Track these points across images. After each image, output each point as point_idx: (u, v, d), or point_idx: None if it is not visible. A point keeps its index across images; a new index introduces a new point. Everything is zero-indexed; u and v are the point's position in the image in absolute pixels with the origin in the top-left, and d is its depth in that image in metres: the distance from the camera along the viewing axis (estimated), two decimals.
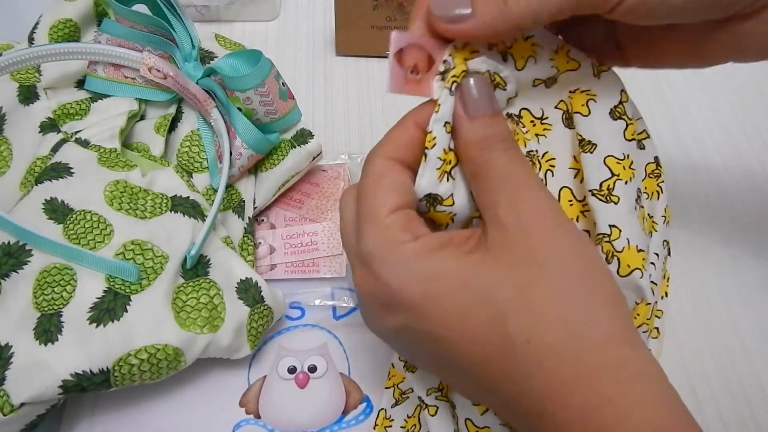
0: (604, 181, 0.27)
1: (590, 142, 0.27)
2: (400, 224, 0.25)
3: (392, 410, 0.35)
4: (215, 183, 0.40)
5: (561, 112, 0.28)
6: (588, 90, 0.28)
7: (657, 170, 0.31)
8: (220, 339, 0.35)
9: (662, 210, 0.31)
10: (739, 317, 0.41)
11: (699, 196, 0.46)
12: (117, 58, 0.40)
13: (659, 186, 0.31)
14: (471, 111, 0.25)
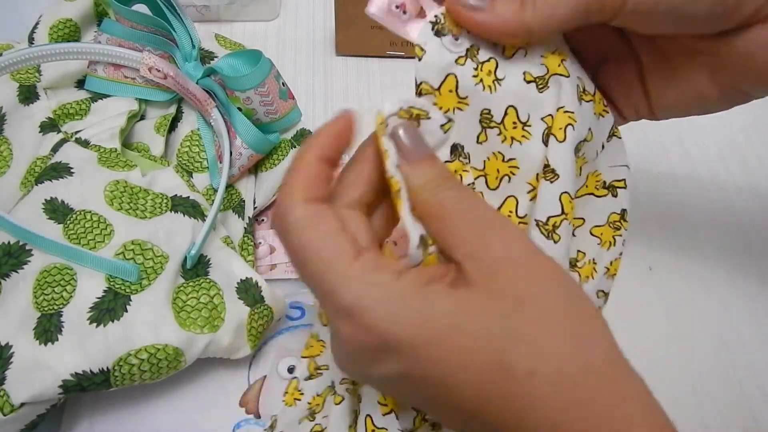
0: (553, 217, 0.26)
1: (554, 171, 0.26)
2: (373, 266, 0.23)
3: (304, 383, 0.34)
4: (215, 183, 0.40)
5: (545, 127, 0.27)
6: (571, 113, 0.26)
7: (619, 223, 0.30)
8: (220, 339, 0.35)
9: (608, 261, 0.30)
10: (739, 317, 0.41)
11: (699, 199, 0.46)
12: (117, 58, 0.40)
13: (614, 238, 0.30)
14: (409, 156, 0.24)
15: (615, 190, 0.29)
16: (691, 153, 0.48)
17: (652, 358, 0.39)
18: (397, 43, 0.52)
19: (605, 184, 0.29)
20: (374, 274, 0.23)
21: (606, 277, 0.31)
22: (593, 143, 0.28)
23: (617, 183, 0.29)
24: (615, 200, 0.29)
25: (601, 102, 0.28)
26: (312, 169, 0.24)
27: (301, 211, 0.23)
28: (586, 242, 0.30)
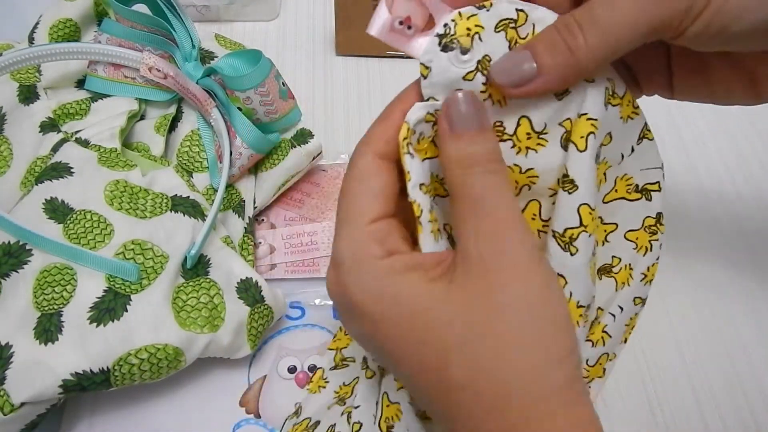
0: (570, 229, 0.25)
1: (573, 181, 0.25)
2: (377, 236, 0.24)
3: (330, 372, 0.35)
4: (215, 183, 0.40)
5: (563, 131, 0.25)
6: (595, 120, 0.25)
7: (655, 227, 0.29)
8: (220, 338, 0.35)
9: (645, 267, 0.30)
10: (739, 318, 0.41)
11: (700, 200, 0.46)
12: (117, 57, 0.40)
13: (651, 243, 0.29)
14: (455, 127, 0.24)
15: (649, 194, 0.28)
16: (691, 154, 0.48)
17: (652, 358, 0.39)
18: None
19: (638, 188, 0.27)
20: (371, 244, 0.24)
21: (643, 283, 0.30)
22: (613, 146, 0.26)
23: (651, 186, 0.28)
24: (649, 204, 0.28)
25: (630, 104, 0.27)
26: (395, 124, 0.25)
27: (367, 160, 0.25)
28: (621, 247, 0.29)
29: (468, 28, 0.24)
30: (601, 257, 0.29)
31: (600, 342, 0.29)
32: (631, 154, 0.27)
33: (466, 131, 0.24)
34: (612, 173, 0.27)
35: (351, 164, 0.25)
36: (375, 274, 0.23)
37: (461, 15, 0.24)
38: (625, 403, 0.38)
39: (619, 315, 0.29)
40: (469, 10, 0.24)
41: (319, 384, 0.35)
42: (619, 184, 0.27)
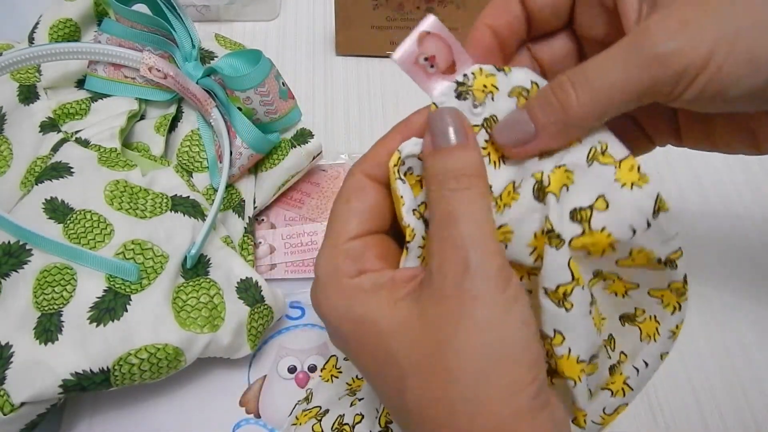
0: (563, 285, 0.24)
1: (559, 236, 0.24)
2: (351, 254, 0.25)
3: (344, 363, 0.35)
4: (215, 183, 0.40)
5: (534, 182, 0.25)
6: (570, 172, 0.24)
7: (682, 288, 0.27)
8: (220, 338, 0.35)
9: (674, 325, 0.29)
10: (740, 319, 0.41)
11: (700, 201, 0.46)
12: (117, 57, 0.40)
13: (678, 304, 0.28)
14: (436, 141, 0.24)
15: (674, 264, 0.26)
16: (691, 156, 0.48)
17: None
18: (397, 43, 0.51)
19: (661, 261, 0.26)
20: (344, 261, 0.25)
21: (671, 341, 0.29)
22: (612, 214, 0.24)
23: (674, 255, 0.26)
24: (675, 272, 0.26)
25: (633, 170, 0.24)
26: (389, 149, 0.25)
27: (354, 180, 0.26)
28: (645, 301, 0.28)
29: (485, 85, 0.25)
30: (622, 307, 0.29)
31: (620, 393, 0.28)
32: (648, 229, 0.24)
33: (446, 146, 0.24)
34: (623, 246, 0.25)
35: (342, 184, 0.26)
36: (343, 293, 0.24)
37: (482, 71, 0.25)
38: None
39: (643, 370, 0.28)
40: (489, 68, 0.25)
41: (332, 373, 0.35)
42: (636, 255, 0.25)
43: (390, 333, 0.23)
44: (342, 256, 0.25)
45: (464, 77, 0.25)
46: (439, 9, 0.49)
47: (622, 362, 0.28)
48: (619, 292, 0.28)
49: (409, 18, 0.50)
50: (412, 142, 0.25)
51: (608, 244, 0.24)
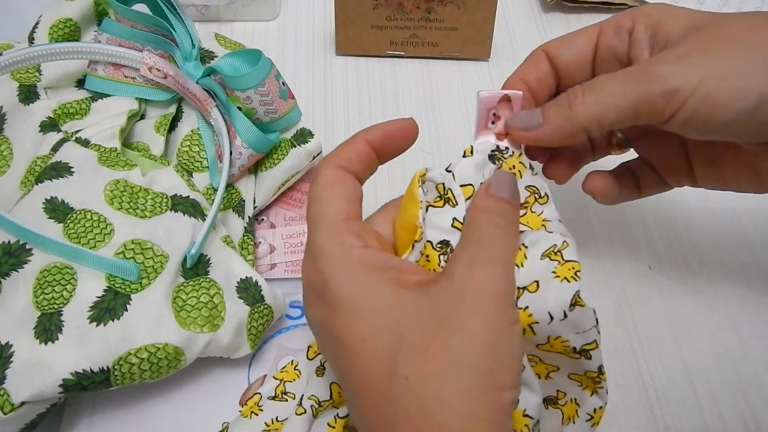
0: None
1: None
2: (354, 230, 0.26)
3: (266, 401, 0.35)
4: (215, 182, 0.40)
5: None
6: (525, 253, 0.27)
7: (599, 378, 0.29)
8: (220, 338, 0.35)
9: (592, 409, 0.30)
10: (739, 317, 0.41)
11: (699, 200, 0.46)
12: (117, 57, 0.40)
13: (597, 390, 0.30)
14: (492, 189, 0.27)
15: (588, 354, 0.28)
16: None
17: (652, 358, 0.39)
18: (397, 43, 0.52)
19: (576, 350, 0.28)
20: (348, 235, 0.26)
21: (589, 425, 0.31)
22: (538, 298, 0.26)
23: (588, 347, 0.28)
24: (589, 362, 0.29)
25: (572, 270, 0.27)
26: (357, 147, 0.28)
27: (330, 171, 0.27)
28: (565, 384, 0.30)
29: (513, 165, 0.29)
30: (544, 389, 0.30)
31: None
32: (564, 319, 0.26)
33: (499, 195, 0.27)
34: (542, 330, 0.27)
35: (315, 177, 0.28)
36: (352, 263, 0.25)
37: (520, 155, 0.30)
38: (625, 403, 0.38)
39: None
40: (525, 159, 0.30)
41: (253, 410, 0.34)
42: (553, 342, 0.27)
43: (395, 310, 0.24)
44: (344, 230, 0.26)
45: (505, 149, 0.30)
46: (439, 9, 0.49)
47: None
48: (542, 375, 0.30)
49: (408, 18, 0.50)
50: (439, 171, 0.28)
51: (528, 325, 0.26)
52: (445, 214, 0.27)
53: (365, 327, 0.24)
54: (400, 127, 0.29)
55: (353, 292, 0.25)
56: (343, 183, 0.27)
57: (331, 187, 0.27)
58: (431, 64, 0.53)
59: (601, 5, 0.56)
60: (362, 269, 0.25)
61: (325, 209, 0.26)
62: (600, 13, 0.56)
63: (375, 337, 0.24)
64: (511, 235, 0.27)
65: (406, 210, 0.28)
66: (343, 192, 0.27)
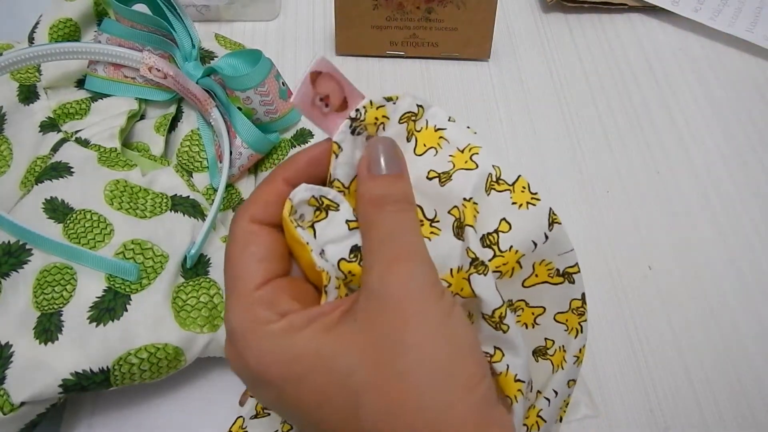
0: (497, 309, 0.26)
1: (483, 263, 0.26)
2: (266, 301, 0.23)
3: (250, 421, 0.34)
4: (215, 182, 0.40)
5: (453, 219, 0.26)
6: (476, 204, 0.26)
7: (582, 308, 0.29)
8: (220, 338, 0.35)
9: (577, 349, 0.30)
10: (739, 317, 0.41)
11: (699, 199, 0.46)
12: (117, 57, 0.40)
13: (580, 324, 0.30)
14: (373, 168, 0.25)
15: (571, 277, 0.28)
16: (690, 152, 0.48)
17: (651, 358, 0.39)
18: (397, 43, 0.52)
19: (559, 272, 0.28)
20: (262, 310, 0.23)
21: (576, 366, 0.30)
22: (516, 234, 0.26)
23: (571, 269, 0.28)
24: (573, 287, 0.29)
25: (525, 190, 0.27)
26: (274, 190, 0.25)
27: (243, 226, 0.25)
28: (553, 329, 0.30)
29: (376, 118, 0.26)
30: (533, 340, 0.30)
31: (534, 427, 0.29)
32: (546, 242, 0.27)
33: (383, 174, 0.25)
34: (527, 260, 0.27)
35: (231, 231, 0.25)
36: (270, 339, 0.23)
37: (372, 104, 0.26)
38: (625, 403, 0.38)
39: (554, 399, 0.30)
40: (378, 100, 0.26)
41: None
42: (538, 269, 0.28)
43: (334, 356, 0.22)
44: (255, 304, 0.23)
45: (356, 112, 0.25)
46: (439, 9, 0.49)
47: (537, 399, 0.30)
48: (528, 323, 0.30)
49: (409, 18, 0.50)
50: (302, 189, 0.25)
51: (516, 261, 0.26)
52: (335, 221, 0.25)
53: (312, 393, 0.22)
54: (317, 156, 0.25)
55: (285, 367, 0.22)
56: (258, 241, 0.24)
57: (244, 247, 0.24)
58: (431, 64, 0.53)
59: (601, 5, 0.56)
60: (284, 340, 0.23)
61: (236, 277, 0.24)
62: (600, 13, 0.56)
63: (329, 400, 0.22)
64: (410, 215, 0.25)
65: (298, 255, 0.25)
66: (257, 251, 0.24)
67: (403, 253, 0.23)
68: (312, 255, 0.24)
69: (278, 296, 0.24)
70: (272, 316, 0.23)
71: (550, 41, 0.55)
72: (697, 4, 0.56)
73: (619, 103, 0.51)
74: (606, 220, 0.45)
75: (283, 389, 0.23)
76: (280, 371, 0.23)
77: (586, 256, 0.43)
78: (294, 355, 0.22)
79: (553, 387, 0.30)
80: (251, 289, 0.24)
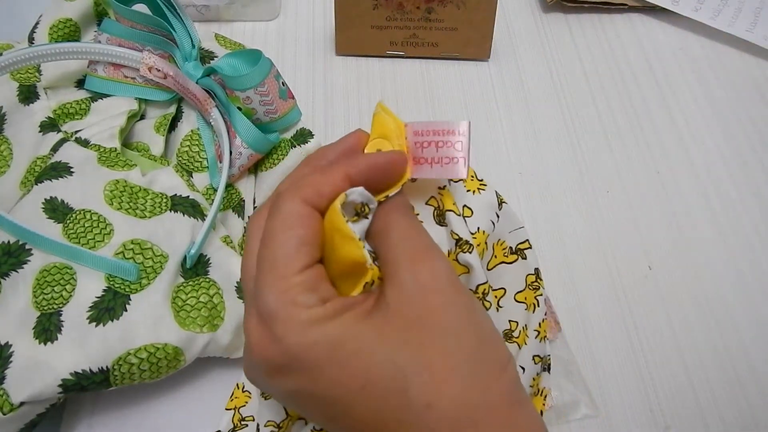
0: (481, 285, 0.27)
1: (467, 242, 0.27)
2: (307, 285, 0.23)
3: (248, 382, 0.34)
4: (215, 182, 0.40)
5: (432, 209, 0.27)
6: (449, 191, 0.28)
7: (536, 282, 0.31)
8: (219, 338, 0.35)
9: (537, 324, 0.31)
10: (739, 317, 0.41)
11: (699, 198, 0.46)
12: (117, 57, 0.40)
13: (537, 299, 0.31)
14: None
15: (523, 253, 0.30)
16: (690, 152, 0.48)
17: (651, 358, 0.39)
18: (397, 43, 0.52)
19: (512, 250, 0.29)
20: (304, 294, 0.23)
21: (538, 340, 0.32)
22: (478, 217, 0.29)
23: (522, 246, 0.30)
24: (526, 262, 0.30)
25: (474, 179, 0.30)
26: (332, 181, 0.25)
27: (294, 207, 0.24)
28: (514, 310, 0.31)
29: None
30: (499, 324, 0.31)
31: None
32: (498, 220, 0.29)
33: None
34: (490, 241, 0.29)
35: (276, 208, 0.25)
36: (312, 323, 0.23)
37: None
38: (625, 403, 0.37)
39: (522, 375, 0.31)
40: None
41: None
42: (497, 250, 0.29)
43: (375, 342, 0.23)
44: (297, 288, 0.23)
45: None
46: (439, 9, 0.49)
47: None
48: (494, 305, 0.31)
49: (409, 18, 0.50)
50: (359, 191, 0.25)
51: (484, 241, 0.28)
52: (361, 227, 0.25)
53: (355, 377, 0.22)
54: (389, 162, 0.26)
55: (329, 349, 0.23)
56: (306, 224, 0.24)
57: (291, 228, 0.24)
58: (431, 64, 0.53)
59: (601, 5, 0.56)
60: (326, 323, 0.23)
61: (277, 257, 0.24)
62: (600, 13, 0.56)
63: (372, 383, 0.22)
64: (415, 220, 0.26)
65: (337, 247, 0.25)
66: (304, 235, 0.24)
67: (426, 249, 0.25)
68: (363, 251, 0.24)
69: (319, 282, 0.24)
70: (313, 300, 0.23)
71: (550, 41, 0.55)
72: (697, 4, 0.56)
73: (619, 103, 0.51)
74: (606, 220, 0.45)
75: (321, 373, 0.23)
76: (322, 354, 0.23)
77: (586, 256, 0.43)
78: (337, 339, 0.23)
79: (519, 363, 0.31)
80: (293, 272, 0.23)
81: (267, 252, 0.24)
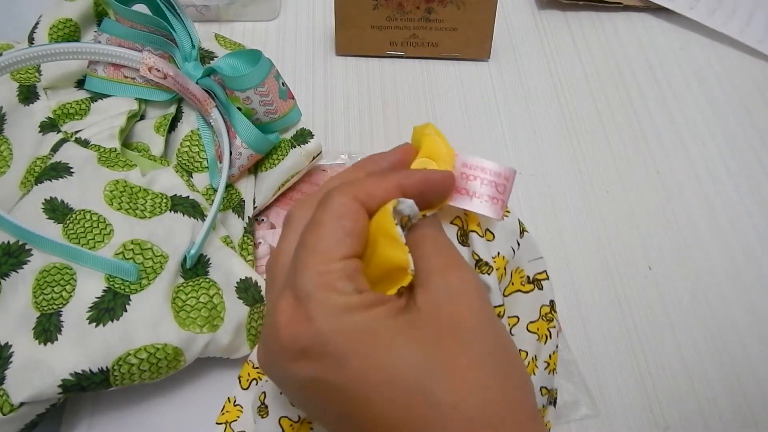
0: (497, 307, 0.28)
1: (487, 263, 0.27)
2: (346, 273, 0.24)
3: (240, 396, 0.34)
4: (215, 183, 0.40)
5: (456, 228, 0.28)
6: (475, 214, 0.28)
7: (550, 314, 0.31)
8: (219, 338, 0.35)
9: (547, 355, 0.31)
10: (738, 317, 0.41)
11: (699, 199, 0.46)
12: (117, 57, 0.40)
13: (549, 331, 0.31)
14: None
15: (540, 284, 0.30)
16: (690, 152, 0.48)
17: (651, 358, 0.39)
18: (397, 43, 0.52)
19: (529, 279, 0.30)
20: (342, 280, 0.24)
21: (547, 372, 0.32)
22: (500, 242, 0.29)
23: (540, 276, 0.30)
24: (542, 293, 0.30)
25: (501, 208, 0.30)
26: (384, 187, 0.26)
27: (345, 201, 0.25)
28: (525, 340, 0.31)
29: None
30: None
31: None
32: (519, 248, 0.29)
33: None
34: (509, 267, 0.29)
35: (328, 199, 0.25)
36: (347, 309, 0.23)
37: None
38: (625, 403, 0.37)
39: None
40: None
41: None
42: (514, 277, 0.30)
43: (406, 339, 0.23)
44: (336, 273, 0.24)
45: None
46: (439, 9, 0.49)
47: None
48: None
49: (409, 18, 0.50)
50: (411, 204, 0.25)
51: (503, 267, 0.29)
52: None
53: (380, 371, 0.22)
54: (441, 182, 0.27)
55: (358, 339, 0.23)
56: (354, 217, 0.25)
57: (339, 218, 0.24)
58: (431, 64, 0.53)
59: (598, 2, 0.56)
60: (359, 313, 0.23)
61: (322, 242, 0.24)
62: (597, 11, 0.56)
63: (395, 379, 0.22)
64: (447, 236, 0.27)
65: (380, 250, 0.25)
66: (350, 227, 0.24)
67: (458, 261, 0.26)
68: (407, 256, 0.25)
69: (357, 273, 0.24)
70: (350, 288, 0.24)
71: (550, 41, 0.55)
72: (692, 2, 0.56)
73: (619, 103, 0.51)
74: (606, 220, 0.45)
75: (347, 361, 0.23)
76: (351, 342, 0.23)
77: (586, 256, 0.43)
78: (367, 330, 0.23)
79: None
80: (334, 258, 0.24)
81: (313, 237, 0.25)
